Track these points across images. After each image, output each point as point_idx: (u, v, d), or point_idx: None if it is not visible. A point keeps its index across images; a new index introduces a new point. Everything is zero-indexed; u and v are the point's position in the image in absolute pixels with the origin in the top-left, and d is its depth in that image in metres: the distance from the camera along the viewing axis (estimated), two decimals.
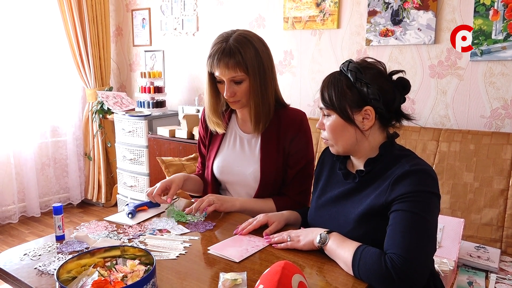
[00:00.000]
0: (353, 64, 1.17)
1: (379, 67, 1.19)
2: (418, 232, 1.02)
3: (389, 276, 0.97)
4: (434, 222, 1.06)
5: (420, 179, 1.06)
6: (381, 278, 0.99)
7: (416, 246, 1.00)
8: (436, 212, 1.08)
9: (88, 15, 3.72)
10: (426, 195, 1.05)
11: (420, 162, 1.12)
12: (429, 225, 1.03)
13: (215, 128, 1.56)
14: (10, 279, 1.08)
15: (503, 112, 2.26)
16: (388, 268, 0.98)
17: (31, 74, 3.64)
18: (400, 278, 0.97)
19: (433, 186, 1.08)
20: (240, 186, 1.52)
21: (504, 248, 1.93)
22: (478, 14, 2.24)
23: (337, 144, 1.20)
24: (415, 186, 1.05)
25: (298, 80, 2.99)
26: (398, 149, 1.19)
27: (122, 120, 3.53)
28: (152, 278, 0.94)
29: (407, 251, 0.99)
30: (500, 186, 1.97)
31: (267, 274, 0.91)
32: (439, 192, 1.09)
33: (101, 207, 4.07)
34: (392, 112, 1.18)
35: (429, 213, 1.04)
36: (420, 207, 1.04)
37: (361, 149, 1.19)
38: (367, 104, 1.13)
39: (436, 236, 1.08)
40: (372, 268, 1.00)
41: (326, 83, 1.19)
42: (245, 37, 1.40)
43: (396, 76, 1.19)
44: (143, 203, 1.51)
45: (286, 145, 1.48)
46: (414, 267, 0.98)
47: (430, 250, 1.03)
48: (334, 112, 1.16)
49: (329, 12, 2.76)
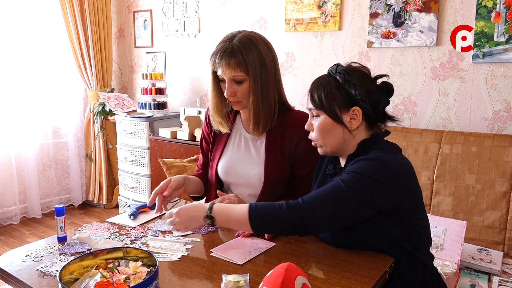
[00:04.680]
0: (341, 67, 1.22)
1: (365, 71, 1.25)
2: (331, 196, 1.09)
3: (281, 215, 1.09)
4: (359, 202, 1.09)
5: (370, 165, 1.11)
6: (276, 218, 1.10)
7: (318, 201, 1.09)
8: (369, 196, 1.09)
9: (90, 17, 3.73)
10: (363, 178, 1.09)
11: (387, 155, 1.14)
12: (348, 200, 1.09)
13: (219, 127, 1.56)
14: (12, 280, 1.08)
15: (505, 114, 2.25)
16: (282, 207, 1.10)
17: (33, 76, 3.65)
18: (289, 218, 1.08)
19: (381, 174, 1.10)
20: (244, 187, 1.52)
21: (506, 250, 1.92)
22: (480, 16, 2.24)
23: (325, 144, 1.24)
24: (361, 168, 1.11)
25: (299, 82, 3.00)
26: (380, 145, 1.21)
27: (124, 122, 3.53)
28: (155, 280, 0.93)
29: (305, 201, 1.11)
30: (503, 189, 1.96)
31: (270, 276, 0.91)
32: (386, 182, 1.10)
33: (102, 209, 4.07)
34: (378, 114, 1.23)
35: (356, 192, 1.09)
36: (352, 184, 1.09)
37: (348, 149, 1.24)
38: (355, 104, 1.19)
39: (354, 215, 1.11)
40: (268, 212, 1.11)
41: (315, 85, 1.24)
42: (249, 38, 1.41)
43: (380, 80, 1.25)
44: (145, 205, 1.51)
45: (292, 148, 1.48)
46: (305, 213, 1.08)
47: (330, 214, 1.09)
48: (324, 112, 1.21)
49: (330, 14, 2.76)
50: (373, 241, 1.16)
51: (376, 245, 1.16)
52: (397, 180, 1.12)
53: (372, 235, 1.15)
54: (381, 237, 1.15)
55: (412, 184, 1.18)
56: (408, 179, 1.16)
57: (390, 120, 1.26)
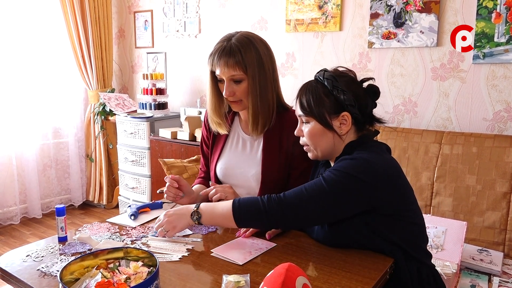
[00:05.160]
0: (328, 72, 1.24)
1: (351, 75, 1.26)
2: (311, 192, 1.11)
3: (261, 209, 1.12)
4: (340, 200, 1.11)
5: (353, 164, 1.13)
6: (258, 212, 1.13)
7: (299, 197, 1.12)
8: (350, 194, 1.11)
9: (90, 17, 3.73)
10: (344, 175, 1.11)
11: (370, 155, 1.15)
12: (328, 197, 1.11)
13: (217, 128, 1.56)
14: (13, 280, 1.08)
15: (505, 115, 2.25)
16: (264, 201, 1.13)
17: (33, 76, 3.65)
18: (267, 211, 1.12)
19: (363, 173, 1.11)
20: (242, 188, 1.52)
21: (506, 251, 1.92)
22: (480, 17, 2.24)
23: (316, 149, 1.26)
24: (341, 167, 1.13)
25: (300, 83, 2.97)
26: (366, 146, 1.21)
27: (124, 122, 3.53)
28: (155, 280, 0.94)
29: (287, 195, 1.14)
30: (503, 189, 1.96)
31: (270, 276, 0.91)
32: (369, 180, 1.10)
33: (103, 209, 4.07)
34: (366, 117, 1.25)
35: (336, 189, 1.11)
36: (332, 181, 1.11)
37: (337, 152, 1.25)
38: (344, 110, 1.20)
39: (334, 212, 1.13)
40: (250, 206, 1.14)
41: (303, 91, 1.25)
42: (248, 37, 1.41)
43: (366, 83, 1.27)
44: (145, 205, 1.51)
45: (290, 147, 1.48)
46: (286, 207, 1.11)
47: (310, 210, 1.12)
48: (313, 119, 1.23)
49: (331, 14, 2.76)
50: (366, 240, 1.16)
51: (370, 244, 1.16)
52: (380, 179, 1.12)
53: (365, 234, 1.15)
54: (374, 236, 1.15)
55: (396, 183, 1.16)
56: (391, 178, 1.15)
57: (377, 123, 1.28)
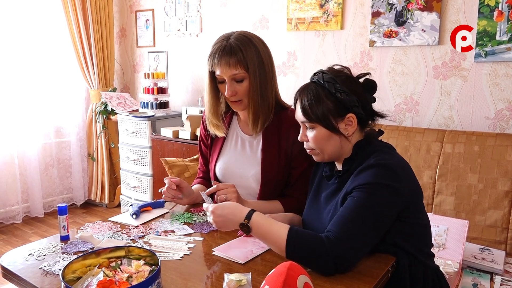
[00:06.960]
0: (327, 75, 1.20)
1: (347, 72, 1.24)
2: (361, 219, 1.06)
3: (323, 252, 1.02)
4: (382, 213, 1.09)
5: (378, 172, 1.10)
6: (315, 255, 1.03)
7: (353, 231, 1.05)
8: (389, 204, 1.10)
9: (92, 16, 3.74)
10: (378, 187, 1.09)
11: (386, 157, 1.14)
12: (375, 216, 1.08)
13: (215, 131, 1.55)
14: (15, 279, 1.09)
15: (507, 114, 2.25)
16: (324, 243, 1.03)
17: (35, 75, 3.65)
18: (332, 255, 1.02)
19: (390, 179, 1.10)
20: (242, 188, 1.51)
21: (509, 250, 1.92)
22: (482, 15, 2.23)
23: (323, 153, 1.24)
24: (370, 178, 1.10)
25: (301, 81, 2.99)
26: (375, 146, 1.21)
27: (126, 121, 3.54)
28: (157, 279, 0.94)
29: (344, 232, 1.05)
30: (505, 188, 1.96)
31: (272, 274, 0.91)
32: (397, 185, 1.10)
33: (105, 208, 4.08)
34: (368, 113, 1.23)
35: (378, 204, 1.08)
36: (370, 198, 1.08)
37: (344, 153, 1.24)
38: (348, 111, 1.18)
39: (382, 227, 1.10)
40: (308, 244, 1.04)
41: (304, 96, 1.21)
42: (246, 36, 1.41)
43: (363, 78, 1.25)
44: (147, 204, 1.51)
45: (289, 147, 1.48)
46: (347, 248, 1.03)
47: (367, 239, 1.08)
48: (319, 124, 1.19)
49: (332, 13, 2.76)
50: None
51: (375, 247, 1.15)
52: (404, 182, 1.12)
53: None
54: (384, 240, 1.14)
55: (415, 183, 1.18)
56: (410, 179, 1.16)
57: (379, 117, 1.26)
